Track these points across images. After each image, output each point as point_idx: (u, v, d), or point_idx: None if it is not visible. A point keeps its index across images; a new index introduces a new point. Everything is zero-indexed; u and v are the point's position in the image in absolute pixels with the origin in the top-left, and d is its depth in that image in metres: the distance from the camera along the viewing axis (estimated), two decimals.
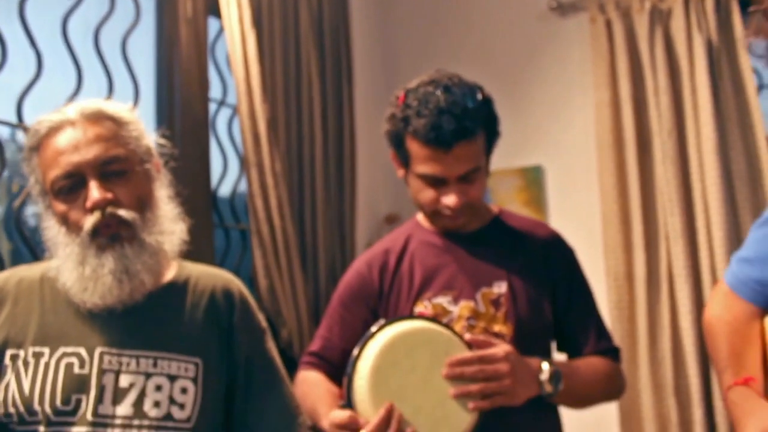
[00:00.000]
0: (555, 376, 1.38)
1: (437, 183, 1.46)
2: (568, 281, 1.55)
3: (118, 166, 1.24)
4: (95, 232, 1.20)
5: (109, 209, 1.21)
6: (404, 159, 1.49)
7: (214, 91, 2.61)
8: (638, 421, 2.78)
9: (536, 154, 3.27)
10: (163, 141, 1.38)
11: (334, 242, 2.81)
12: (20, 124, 1.93)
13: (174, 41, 2.37)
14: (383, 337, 1.32)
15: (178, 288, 1.33)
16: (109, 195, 1.21)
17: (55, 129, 1.23)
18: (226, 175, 2.75)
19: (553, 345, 1.60)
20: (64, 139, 1.22)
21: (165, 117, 2.34)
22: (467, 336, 1.36)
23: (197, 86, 2.41)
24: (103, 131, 1.24)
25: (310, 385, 1.50)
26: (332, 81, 2.87)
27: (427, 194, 1.48)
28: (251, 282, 2.50)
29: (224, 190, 2.77)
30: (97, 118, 1.25)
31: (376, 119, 1.63)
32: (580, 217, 3.11)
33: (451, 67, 1.59)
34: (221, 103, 2.71)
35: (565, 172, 3.21)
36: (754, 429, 1.23)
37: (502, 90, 3.23)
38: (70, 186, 1.21)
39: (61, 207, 1.22)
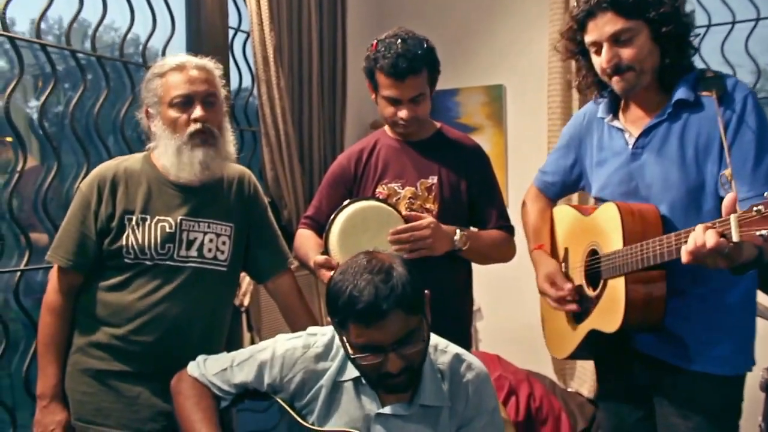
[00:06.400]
0: (463, 239, 2.06)
1: (395, 102, 2.08)
2: (480, 178, 2.19)
3: (212, 99, 1.89)
4: (193, 135, 1.85)
5: (206, 124, 1.87)
6: (375, 86, 2.12)
7: (232, 20, 3.11)
8: None
9: (499, 75, 3.84)
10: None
11: (326, 143, 3.41)
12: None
13: None
14: (349, 209, 2.00)
15: (220, 180, 1.99)
16: (206, 115, 1.86)
17: (179, 67, 1.86)
18: (240, 89, 3.28)
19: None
20: (186, 74, 1.85)
21: (194, 42, 2.91)
22: (405, 213, 2.03)
23: (218, 16, 2.98)
24: (207, 76, 1.89)
25: (305, 238, 2.18)
26: (328, 11, 3.39)
27: (389, 110, 2.11)
28: (260, 173, 3.11)
29: (239, 101, 3.31)
30: (202, 67, 1.89)
31: (364, 43, 2.17)
32: (531, 128, 3.71)
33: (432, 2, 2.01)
34: (237, 29, 3.22)
35: (521, 90, 3.79)
36: (542, 273, 1.96)
37: (474, 22, 3.81)
38: (183, 103, 1.85)
39: (173, 114, 1.85)
